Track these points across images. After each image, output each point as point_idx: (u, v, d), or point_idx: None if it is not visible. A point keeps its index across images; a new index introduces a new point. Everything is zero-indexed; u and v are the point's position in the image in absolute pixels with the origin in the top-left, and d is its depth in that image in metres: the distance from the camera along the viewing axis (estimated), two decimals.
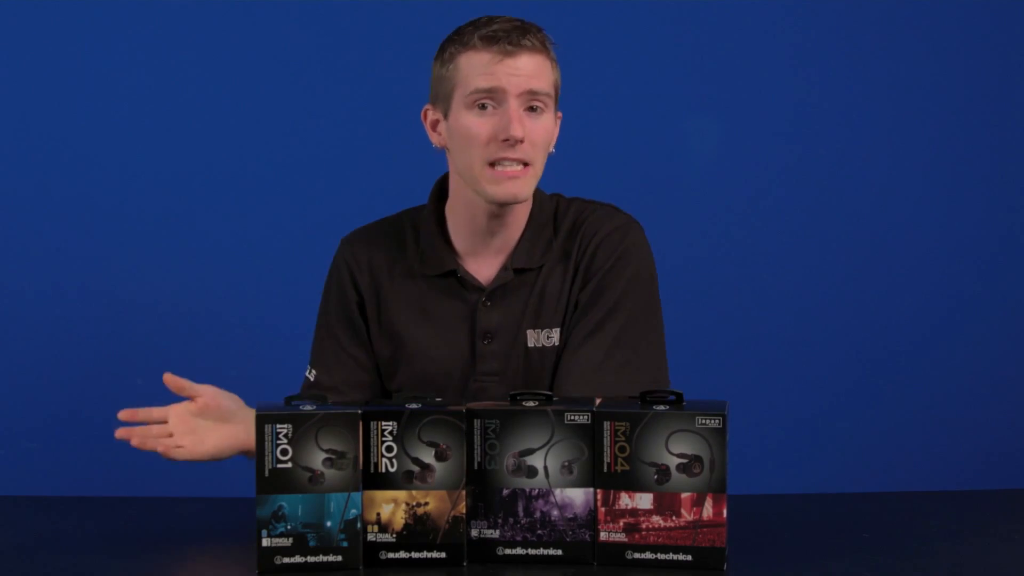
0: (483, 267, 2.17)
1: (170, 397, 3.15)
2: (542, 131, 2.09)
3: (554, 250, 2.17)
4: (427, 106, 2.17)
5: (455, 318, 2.15)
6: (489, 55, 2.07)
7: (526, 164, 2.08)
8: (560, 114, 2.17)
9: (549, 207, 2.20)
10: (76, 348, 3.07)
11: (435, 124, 2.16)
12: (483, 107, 2.08)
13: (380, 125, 3.09)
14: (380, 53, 3.12)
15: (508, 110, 2.06)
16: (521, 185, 2.09)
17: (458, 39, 2.11)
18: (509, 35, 2.07)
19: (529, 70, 2.07)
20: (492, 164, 2.08)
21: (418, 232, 2.19)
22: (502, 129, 2.06)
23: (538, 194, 2.19)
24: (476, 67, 2.08)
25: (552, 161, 2.21)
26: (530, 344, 2.15)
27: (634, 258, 2.15)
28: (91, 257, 3.07)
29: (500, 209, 2.13)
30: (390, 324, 2.17)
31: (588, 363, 2.11)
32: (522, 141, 2.06)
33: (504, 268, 2.16)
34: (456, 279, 2.16)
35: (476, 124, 2.08)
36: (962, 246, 3.22)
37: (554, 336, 2.15)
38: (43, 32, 3.07)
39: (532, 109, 2.09)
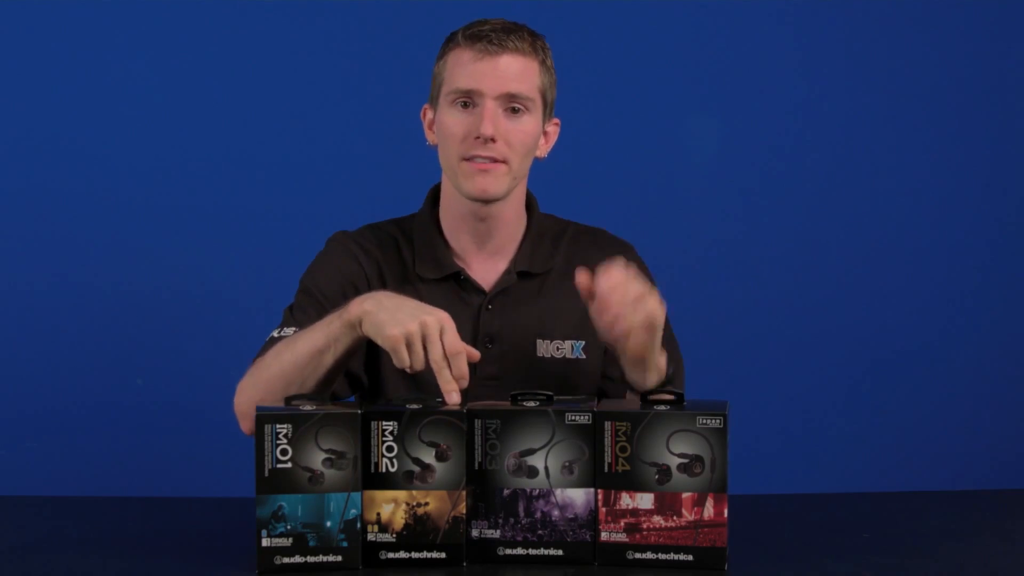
0: (481, 271, 2.17)
1: (167, 396, 3.15)
2: (520, 133, 2.09)
3: (557, 264, 2.18)
4: (426, 105, 2.18)
5: (456, 322, 2.13)
6: (471, 53, 2.08)
7: (499, 161, 2.08)
8: (557, 121, 2.17)
9: (547, 221, 2.22)
10: (76, 348, 3.06)
11: (431, 123, 2.16)
12: (464, 105, 2.09)
13: (380, 127, 3.09)
14: (376, 54, 3.11)
15: (483, 109, 2.07)
16: (491, 180, 2.08)
17: (450, 38, 2.12)
18: (492, 35, 2.07)
19: (510, 72, 2.07)
20: (467, 160, 2.09)
21: (411, 239, 2.18)
22: (475, 127, 2.07)
23: (534, 207, 2.21)
24: (459, 65, 2.09)
25: (551, 162, 2.20)
26: (539, 354, 2.16)
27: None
28: (92, 257, 3.06)
29: (482, 209, 2.12)
30: None
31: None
32: (494, 140, 2.06)
33: (507, 272, 2.16)
34: (457, 283, 2.15)
35: (454, 122, 2.09)
36: (962, 246, 3.22)
37: (564, 348, 2.16)
38: (42, 30, 3.06)
39: (513, 110, 2.09)
